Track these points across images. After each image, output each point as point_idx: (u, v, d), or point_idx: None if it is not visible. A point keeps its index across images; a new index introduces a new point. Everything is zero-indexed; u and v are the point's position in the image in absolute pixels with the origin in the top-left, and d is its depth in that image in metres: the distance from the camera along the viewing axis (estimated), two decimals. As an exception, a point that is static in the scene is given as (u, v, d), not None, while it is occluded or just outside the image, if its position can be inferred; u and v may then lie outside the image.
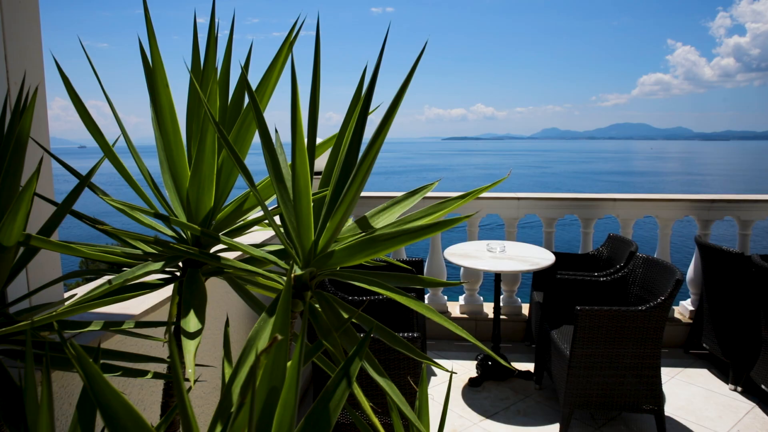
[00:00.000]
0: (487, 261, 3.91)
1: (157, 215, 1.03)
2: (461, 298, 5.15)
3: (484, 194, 4.95)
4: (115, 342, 1.58)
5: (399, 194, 1.26)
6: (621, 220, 4.85)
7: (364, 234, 0.88)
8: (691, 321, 4.66)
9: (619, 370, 3.23)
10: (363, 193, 5.16)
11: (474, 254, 4.09)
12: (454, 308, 5.13)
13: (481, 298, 5.14)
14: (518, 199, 4.81)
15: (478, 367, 4.26)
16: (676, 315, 4.81)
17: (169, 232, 1.14)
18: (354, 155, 0.94)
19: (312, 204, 0.92)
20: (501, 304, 4.99)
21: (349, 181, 0.86)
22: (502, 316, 4.91)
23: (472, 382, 4.08)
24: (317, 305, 0.92)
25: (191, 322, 0.86)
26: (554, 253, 4.55)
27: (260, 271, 0.93)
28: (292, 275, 0.78)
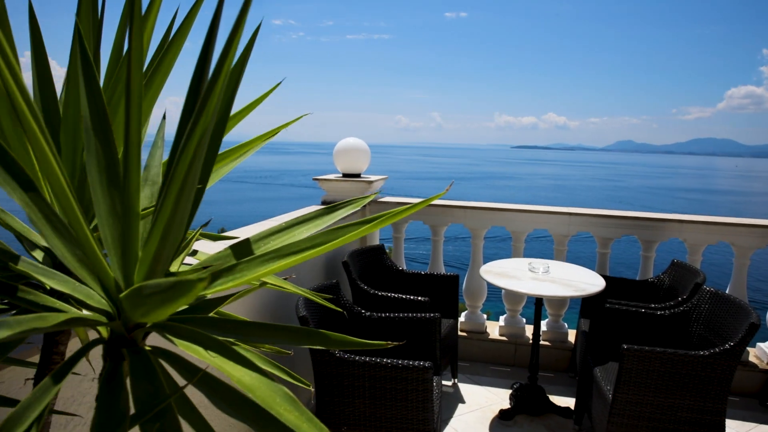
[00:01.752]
0: (526, 282, 3.51)
1: None
2: (502, 318, 4.74)
3: (532, 207, 4.51)
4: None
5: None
6: (688, 245, 4.26)
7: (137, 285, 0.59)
8: (768, 367, 4.01)
9: (672, 425, 2.74)
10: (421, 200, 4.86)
11: (513, 273, 3.69)
12: (494, 329, 4.72)
13: (524, 320, 4.70)
14: (570, 214, 4.35)
15: (511, 397, 3.85)
16: (751, 358, 4.16)
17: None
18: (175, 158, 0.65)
19: (113, 221, 0.65)
20: (544, 329, 4.55)
21: (163, 192, 0.58)
22: (544, 342, 4.46)
23: (502, 415, 3.68)
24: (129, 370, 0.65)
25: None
26: (607, 277, 4.06)
27: (46, 300, 0.66)
28: (59, 323, 0.51)
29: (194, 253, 0.97)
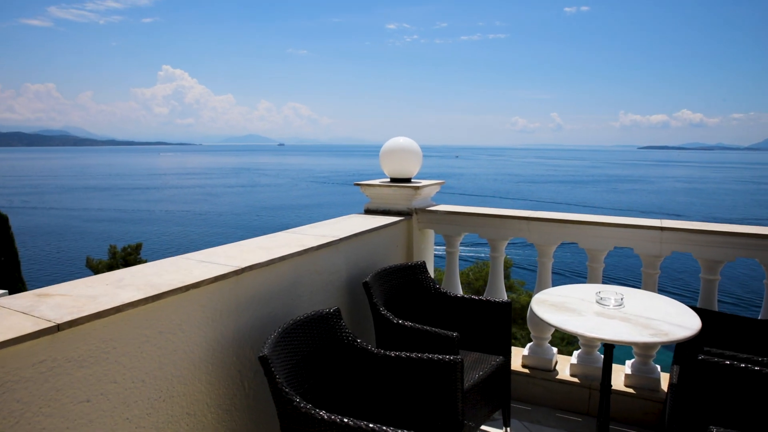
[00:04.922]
0: (587, 318, 2.71)
1: None
2: (575, 354, 3.89)
3: (611, 220, 3.61)
4: None
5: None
6: (837, 273, 3.13)
7: None
8: None
9: None
10: (505, 212, 3.99)
11: (574, 305, 2.90)
12: (564, 366, 3.89)
13: (602, 357, 3.81)
14: (661, 229, 3.40)
15: (575, 460, 3.05)
16: None
17: None
18: None
19: None
20: (628, 372, 3.66)
21: None
22: (627, 389, 3.56)
23: (558, 484, 2.91)
24: None
25: None
26: (712, 313, 3.10)
27: None
28: None
29: None
